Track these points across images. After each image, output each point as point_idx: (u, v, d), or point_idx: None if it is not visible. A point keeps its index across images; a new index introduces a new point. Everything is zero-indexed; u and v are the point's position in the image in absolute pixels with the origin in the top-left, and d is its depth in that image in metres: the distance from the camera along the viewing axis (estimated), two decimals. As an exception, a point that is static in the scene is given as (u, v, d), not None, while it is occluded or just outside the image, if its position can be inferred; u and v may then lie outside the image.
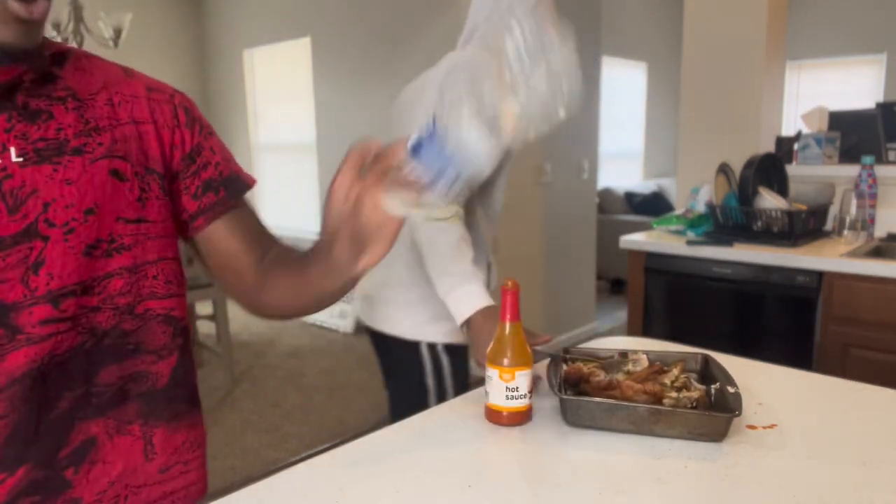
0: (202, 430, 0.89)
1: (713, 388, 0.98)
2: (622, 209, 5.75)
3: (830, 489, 0.76)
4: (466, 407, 1.02)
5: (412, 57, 4.01)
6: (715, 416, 0.89)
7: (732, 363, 1.17)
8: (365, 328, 1.63)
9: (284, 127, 5.18)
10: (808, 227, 2.34)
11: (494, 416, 0.95)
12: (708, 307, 2.35)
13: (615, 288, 5.59)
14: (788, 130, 3.07)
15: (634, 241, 2.52)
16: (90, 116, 0.73)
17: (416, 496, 0.76)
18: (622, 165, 6.28)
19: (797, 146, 2.69)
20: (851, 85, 6.35)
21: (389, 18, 4.10)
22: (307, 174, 5.03)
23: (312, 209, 5.04)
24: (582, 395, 0.98)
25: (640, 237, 2.55)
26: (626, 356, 1.09)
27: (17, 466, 0.69)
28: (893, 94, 5.96)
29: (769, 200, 2.32)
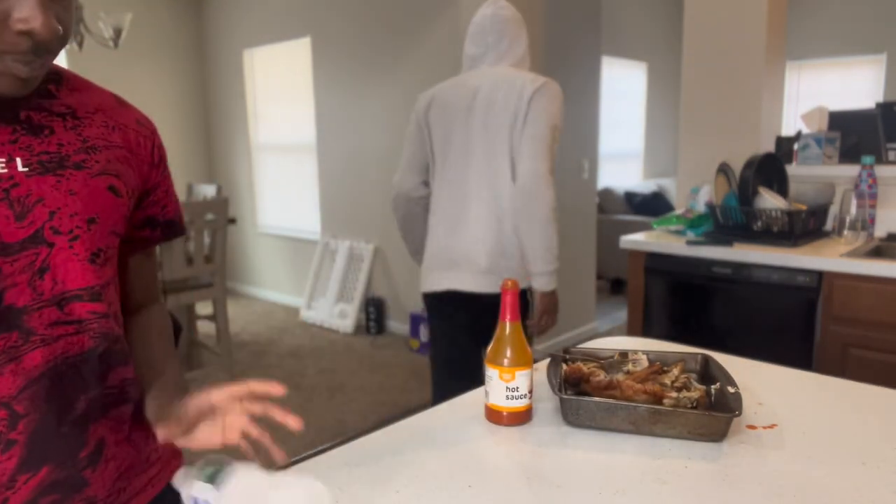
0: None
1: (713, 388, 0.98)
2: (622, 209, 5.75)
3: (830, 489, 0.76)
4: (466, 407, 1.02)
5: (412, 57, 4.01)
6: (715, 416, 0.89)
7: (732, 363, 1.17)
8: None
9: (284, 127, 5.18)
10: (808, 227, 2.34)
11: (494, 416, 0.95)
12: (708, 307, 2.35)
13: (615, 288, 5.60)
14: (788, 130, 3.07)
15: (634, 241, 2.52)
16: (88, 135, 0.77)
17: (416, 496, 0.76)
18: (622, 165, 6.28)
19: (797, 146, 2.69)
20: (851, 85, 6.35)
21: (389, 18, 4.11)
22: (307, 174, 5.03)
23: (312, 209, 5.04)
24: (582, 395, 0.98)
25: (640, 237, 2.55)
26: (626, 356, 1.09)
27: (40, 466, 0.72)
28: (893, 94, 5.97)
29: (769, 200, 2.32)
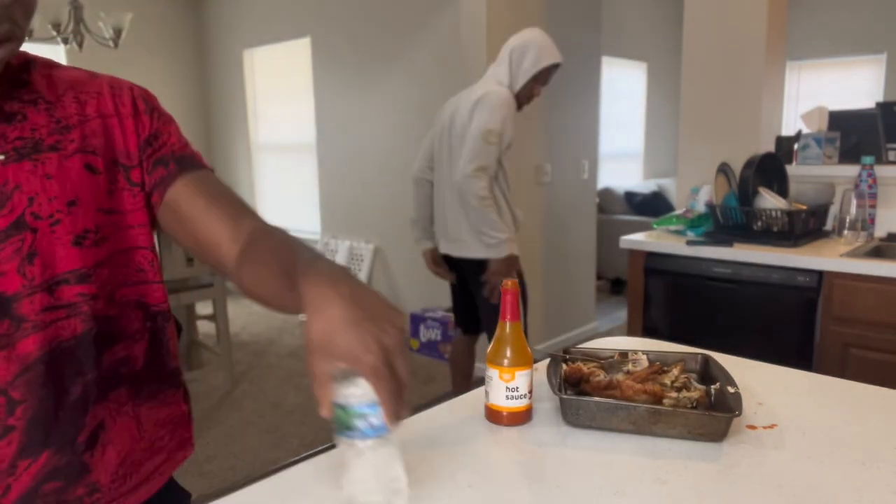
0: (183, 407, 0.92)
1: (713, 388, 0.98)
2: (622, 209, 5.75)
3: (830, 489, 0.76)
4: (466, 407, 1.02)
5: (412, 57, 4.01)
6: (715, 416, 0.88)
7: (732, 363, 1.17)
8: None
9: (284, 127, 5.18)
10: (808, 227, 2.34)
11: (494, 416, 0.95)
12: (708, 307, 2.35)
13: (615, 288, 5.60)
14: (788, 130, 3.07)
15: (634, 241, 2.52)
16: (60, 115, 0.77)
17: (415, 496, 0.76)
18: (622, 165, 6.28)
19: (797, 146, 2.69)
20: (851, 85, 6.35)
21: (389, 18, 4.10)
22: (307, 174, 5.03)
23: (312, 209, 5.03)
24: (582, 395, 0.98)
25: (640, 237, 2.55)
26: (626, 356, 1.09)
27: (40, 451, 0.72)
28: (893, 94, 5.96)
29: (769, 200, 2.32)
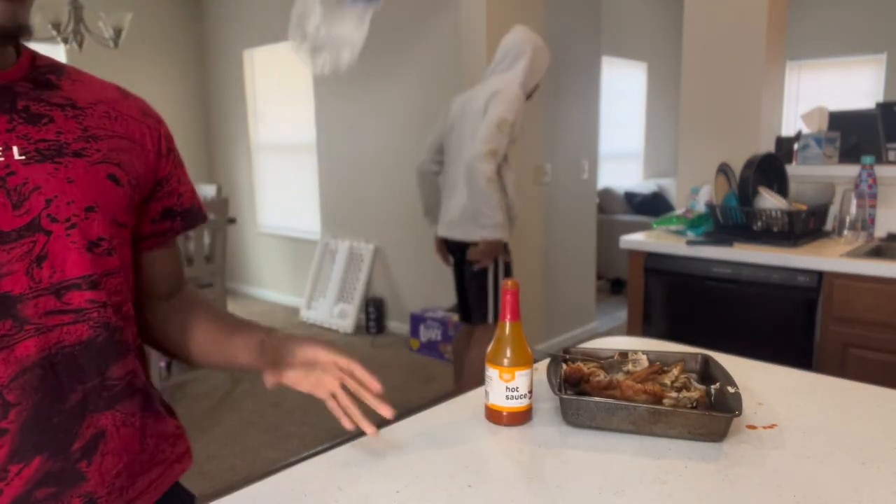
0: (177, 422, 0.93)
1: (713, 388, 0.98)
2: (622, 209, 5.75)
3: (830, 489, 0.76)
4: (466, 407, 1.02)
5: (412, 56, 4.01)
6: (715, 416, 0.89)
7: (732, 363, 1.17)
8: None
9: (284, 127, 5.18)
10: (808, 227, 2.34)
11: (494, 416, 0.95)
12: (708, 307, 2.35)
13: (615, 288, 5.60)
14: (788, 130, 3.07)
15: (634, 241, 2.52)
16: (88, 125, 0.77)
17: (415, 496, 0.77)
18: (622, 165, 6.28)
19: (797, 146, 2.69)
20: (851, 85, 6.35)
21: (389, 18, 4.10)
22: (307, 174, 5.03)
23: (312, 209, 5.04)
24: (582, 395, 0.98)
25: (640, 237, 2.55)
26: (626, 356, 1.09)
27: (32, 456, 0.71)
28: (893, 94, 5.97)
29: (769, 200, 2.32)
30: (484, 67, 3.19)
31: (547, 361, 1.09)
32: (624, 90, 6.16)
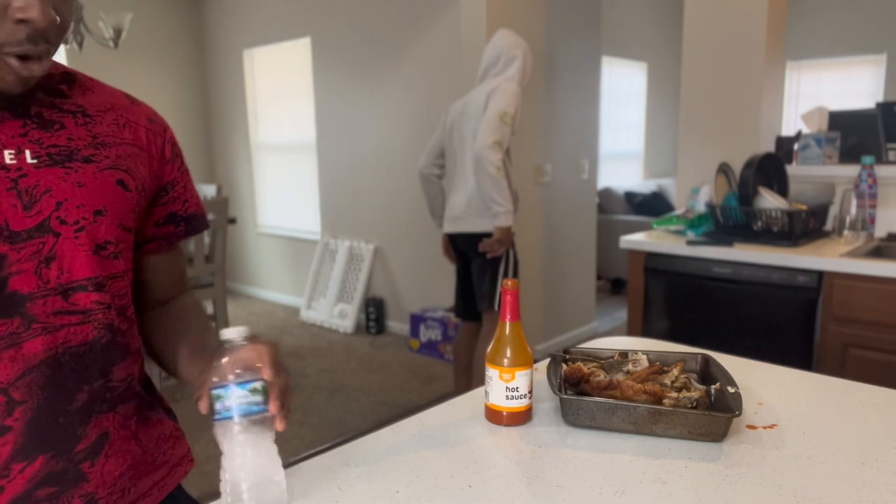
0: (175, 423, 0.94)
1: (713, 388, 0.98)
2: (622, 209, 5.75)
3: (830, 489, 0.76)
4: (466, 407, 1.02)
5: (412, 57, 4.01)
6: (715, 416, 0.89)
7: (732, 363, 1.17)
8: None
9: (284, 127, 5.18)
10: (808, 227, 2.34)
11: (494, 416, 0.95)
12: (708, 307, 2.35)
13: (615, 288, 5.60)
14: (788, 130, 3.07)
15: (634, 241, 2.52)
16: (98, 132, 0.79)
17: (415, 496, 0.77)
18: (622, 165, 6.28)
19: (797, 146, 2.69)
20: (851, 85, 6.35)
21: (389, 18, 4.10)
22: (307, 174, 5.03)
23: (312, 209, 5.04)
24: (582, 395, 0.98)
25: (640, 237, 2.55)
26: (626, 356, 1.09)
27: (35, 455, 0.71)
28: (893, 94, 5.96)
29: (769, 200, 2.32)
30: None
31: (547, 361, 1.09)
32: (624, 90, 6.16)
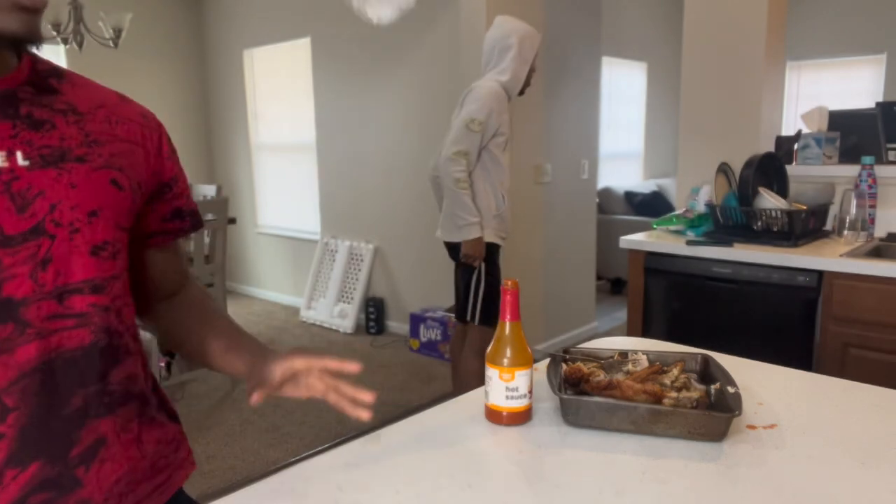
0: (179, 426, 0.93)
1: (713, 388, 0.98)
2: (622, 209, 5.75)
3: (830, 489, 0.76)
4: (466, 407, 1.02)
5: (412, 57, 4.01)
6: (715, 416, 0.89)
7: (732, 363, 1.17)
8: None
9: (284, 127, 5.17)
10: (808, 227, 2.34)
11: (494, 416, 0.95)
12: (708, 307, 2.35)
13: (615, 288, 5.60)
14: (788, 130, 3.07)
15: (634, 241, 2.52)
16: (90, 130, 0.77)
17: (415, 496, 0.76)
18: (622, 165, 6.28)
19: (797, 146, 2.69)
20: (851, 85, 6.35)
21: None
22: (307, 174, 5.03)
23: (312, 209, 5.04)
24: (582, 395, 0.98)
25: (640, 237, 2.55)
26: (626, 356, 1.09)
27: (29, 462, 0.70)
28: (893, 94, 5.96)
29: (769, 200, 2.32)
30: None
31: (547, 361, 1.09)
32: (624, 90, 6.16)
